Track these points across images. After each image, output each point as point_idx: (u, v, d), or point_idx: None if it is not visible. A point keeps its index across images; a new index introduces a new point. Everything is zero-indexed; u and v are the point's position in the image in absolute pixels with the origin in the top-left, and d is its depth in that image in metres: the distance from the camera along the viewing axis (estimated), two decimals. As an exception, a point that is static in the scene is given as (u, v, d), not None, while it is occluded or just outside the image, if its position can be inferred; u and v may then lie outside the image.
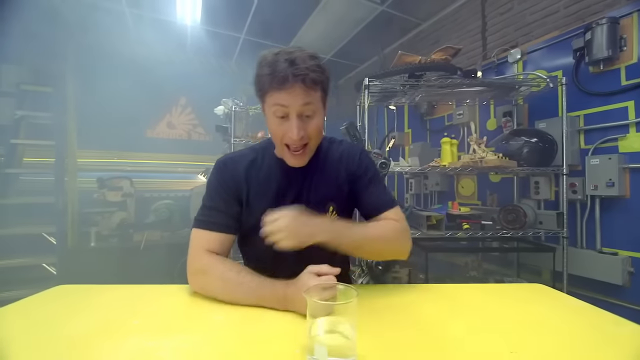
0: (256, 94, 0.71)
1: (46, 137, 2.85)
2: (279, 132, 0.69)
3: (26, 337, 0.52)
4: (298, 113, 0.66)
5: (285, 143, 0.70)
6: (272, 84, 0.64)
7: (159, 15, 2.96)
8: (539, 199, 2.02)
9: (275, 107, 0.66)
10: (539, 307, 0.68)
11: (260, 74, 0.66)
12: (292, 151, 0.70)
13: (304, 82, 0.63)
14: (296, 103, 0.64)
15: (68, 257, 2.79)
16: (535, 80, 1.81)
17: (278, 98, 0.65)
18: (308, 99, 0.65)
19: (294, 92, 0.63)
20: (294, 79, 0.62)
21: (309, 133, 0.69)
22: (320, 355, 0.42)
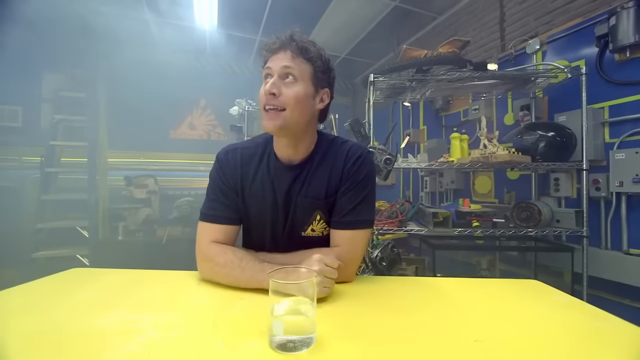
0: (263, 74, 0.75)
1: (80, 139, 3.10)
2: (261, 93, 0.71)
3: (34, 309, 0.60)
4: (280, 74, 0.69)
5: (264, 105, 0.71)
6: (267, 49, 0.71)
7: (179, 22, 3.11)
8: (559, 197, 1.92)
9: (265, 70, 0.71)
10: (522, 300, 0.66)
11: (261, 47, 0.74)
12: (265, 110, 0.70)
13: (290, 47, 0.68)
14: (279, 64, 0.68)
15: (99, 249, 3.02)
16: (553, 71, 1.71)
17: (268, 62, 0.71)
18: (291, 62, 0.68)
19: (281, 55, 0.69)
20: (282, 44, 0.69)
21: (286, 97, 0.69)
22: (277, 331, 0.45)
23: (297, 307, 0.46)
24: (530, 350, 0.46)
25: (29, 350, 0.45)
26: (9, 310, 0.59)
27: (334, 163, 0.77)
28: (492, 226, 1.68)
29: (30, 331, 0.50)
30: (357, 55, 3.95)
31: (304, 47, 0.69)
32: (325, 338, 0.48)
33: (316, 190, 0.76)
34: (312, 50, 0.70)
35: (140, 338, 0.48)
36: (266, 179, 0.78)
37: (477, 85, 1.90)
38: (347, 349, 0.46)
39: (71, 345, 0.46)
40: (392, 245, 1.58)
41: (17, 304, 0.62)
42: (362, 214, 0.74)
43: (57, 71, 3.16)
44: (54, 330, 0.51)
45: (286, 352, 0.44)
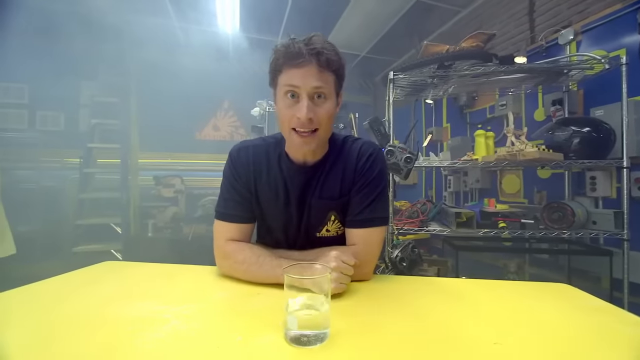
0: (270, 79, 0.70)
1: (114, 141, 3.30)
2: (287, 115, 0.66)
3: (69, 298, 0.65)
4: (309, 94, 0.64)
5: (293, 127, 0.66)
6: (286, 61, 0.63)
7: (204, 27, 3.23)
8: (596, 197, 1.79)
9: (287, 87, 0.64)
10: (549, 303, 0.63)
11: (275, 52, 0.66)
12: (300, 133, 0.66)
13: (318, 60, 0.62)
14: (308, 83, 0.63)
15: (130, 244, 3.20)
16: (589, 62, 1.60)
17: (291, 76, 0.63)
18: (321, 80, 0.63)
19: (307, 70, 0.62)
20: (308, 55, 0.61)
21: (319, 118, 0.65)
22: (292, 326, 0.46)
23: (312, 302, 0.47)
24: (553, 356, 0.44)
25: (64, 335, 0.49)
26: (47, 299, 0.64)
27: (347, 163, 0.76)
28: (521, 227, 1.60)
29: (66, 317, 0.55)
30: (377, 54, 3.90)
31: (331, 59, 0.64)
32: (340, 334, 0.48)
33: (330, 191, 0.76)
34: (336, 60, 0.66)
35: (165, 327, 0.51)
36: (279, 179, 0.77)
37: (504, 80, 1.82)
38: (361, 346, 0.46)
39: (102, 331, 0.50)
40: (413, 245, 1.55)
41: (54, 293, 0.67)
42: (377, 212, 0.73)
43: (93, 78, 3.38)
44: (86, 317, 0.55)
45: (300, 346, 0.45)
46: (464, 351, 0.45)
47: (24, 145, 3.21)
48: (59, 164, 3.42)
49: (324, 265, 0.49)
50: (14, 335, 0.48)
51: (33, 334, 0.48)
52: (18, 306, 0.60)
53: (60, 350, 0.44)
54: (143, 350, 0.44)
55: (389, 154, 1.46)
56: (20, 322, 0.53)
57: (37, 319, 0.54)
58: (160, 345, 0.46)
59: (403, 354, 0.44)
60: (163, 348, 0.45)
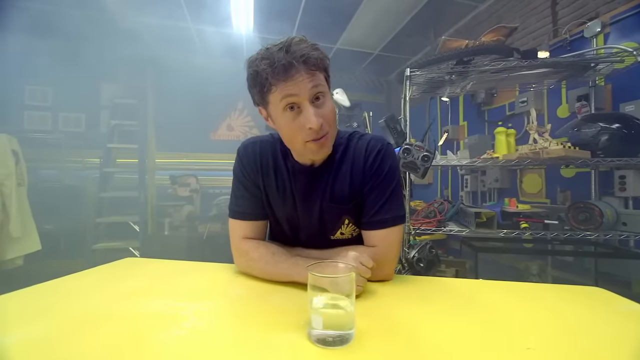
0: (255, 98, 0.68)
1: (132, 142, 3.39)
2: (294, 128, 0.63)
3: (90, 293, 0.66)
4: (310, 99, 0.61)
5: (305, 140, 0.64)
6: (274, 76, 0.59)
7: (218, 28, 3.27)
8: (625, 197, 1.70)
9: (285, 100, 0.61)
10: (582, 308, 0.59)
11: (258, 70, 0.61)
12: (315, 141, 0.63)
13: (306, 65, 0.59)
14: (305, 89, 0.60)
15: (148, 242, 3.27)
16: (619, 55, 1.52)
17: (285, 89, 0.60)
18: (315, 81, 0.61)
19: (299, 77, 0.59)
20: (296, 64, 0.58)
21: (327, 119, 0.64)
22: (316, 324, 0.44)
23: (337, 302, 0.46)
24: (598, 364, 0.41)
25: (87, 329, 0.49)
26: (70, 294, 0.65)
27: (354, 161, 0.73)
28: (544, 228, 1.54)
29: (88, 312, 0.55)
30: (391, 52, 3.85)
31: (317, 58, 0.61)
32: (364, 335, 0.47)
33: (341, 194, 0.73)
34: (322, 58, 0.63)
35: (185, 324, 0.50)
36: (285, 179, 0.75)
37: (526, 75, 1.75)
38: (387, 348, 0.44)
39: (124, 326, 0.50)
40: (430, 246, 1.52)
41: (76, 288, 0.69)
42: (393, 211, 0.70)
43: (112, 81, 3.48)
44: (108, 312, 0.55)
45: (325, 347, 0.44)
46: (496, 356, 0.43)
47: (48, 146, 3.34)
48: (81, 163, 3.55)
49: (348, 264, 0.48)
50: (38, 329, 0.49)
51: (56, 328, 0.49)
52: (43, 301, 0.61)
53: (83, 344, 0.44)
54: (164, 346, 0.44)
55: (405, 153, 1.43)
56: (44, 316, 0.53)
57: (61, 314, 0.55)
58: (181, 342, 0.45)
59: (428, 357, 0.42)
60: (184, 345, 0.45)
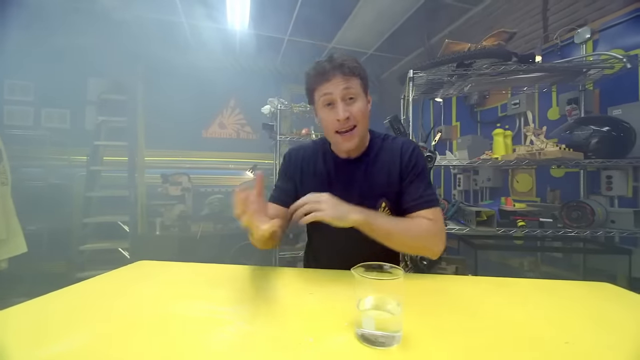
0: (308, 98, 0.85)
1: (121, 139, 3.27)
2: (329, 120, 0.79)
3: (119, 295, 0.64)
4: (341, 97, 0.77)
5: (336, 130, 0.79)
6: (317, 79, 0.78)
7: (212, 24, 3.20)
8: (612, 195, 1.80)
9: (323, 98, 0.78)
10: (603, 303, 0.63)
11: (307, 76, 0.82)
12: (342, 133, 0.79)
13: (342, 71, 0.76)
14: (338, 88, 0.76)
15: (138, 243, 3.18)
16: (609, 61, 1.61)
17: (323, 89, 0.78)
18: (347, 84, 0.77)
19: (335, 80, 0.76)
20: (333, 70, 0.76)
21: (354, 115, 0.78)
22: (367, 326, 0.45)
23: (385, 304, 0.47)
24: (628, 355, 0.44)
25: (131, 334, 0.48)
26: (96, 300, 0.63)
27: (391, 158, 0.86)
28: (539, 226, 1.61)
29: (126, 318, 0.54)
30: (384, 51, 3.88)
31: (352, 65, 0.78)
32: (411, 335, 0.48)
33: (379, 182, 0.85)
34: (357, 66, 0.79)
35: (230, 328, 0.50)
36: (324, 171, 0.89)
37: (522, 78, 1.81)
38: (435, 348, 0.46)
39: (168, 331, 0.49)
40: (433, 244, 1.55)
41: (98, 293, 0.67)
42: (433, 195, 0.83)
43: (100, 75, 3.35)
44: (145, 317, 0.54)
45: (377, 347, 0.45)
46: (540, 350, 0.45)
47: (31, 143, 3.18)
48: (66, 161, 3.40)
49: (395, 267, 0.49)
50: (78, 338, 0.47)
51: (100, 335, 0.48)
52: (70, 309, 0.59)
53: (133, 350, 0.44)
54: (215, 351, 0.44)
55: (411, 153, 1.46)
56: (81, 325, 0.52)
57: (99, 320, 0.53)
58: (232, 346, 0.45)
59: (478, 355, 0.44)
60: (236, 349, 0.45)
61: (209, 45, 3.38)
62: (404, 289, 0.46)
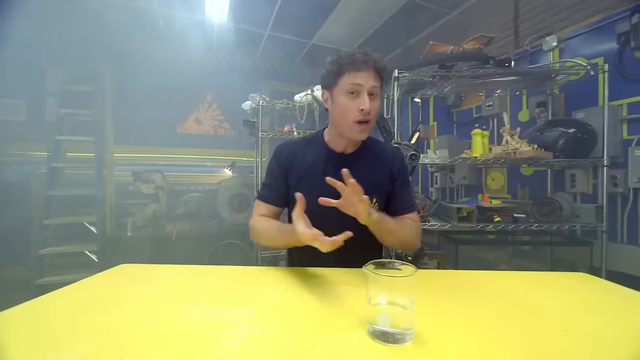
0: (326, 81, 0.85)
1: (87, 134, 3.04)
2: (351, 107, 0.80)
3: (109, 302, 0.59)
4: (368, 91, 0.79)
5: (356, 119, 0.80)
6: (351, 66, 0.79)
7: (189, 14, 3.06)
8: (575, 192, 1.95)
9: (351, 86, 0.79)
10: (588, 291, 0.68)
11: (339, 59, 0.81)
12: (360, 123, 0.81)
13: (375, 68, 0.79)
14: (368, 83, 0.79)
15: (108, 245, 2.98)
16: (575, 68, 1.73)
17: (355, 78, 0.79)
18: (376, 82, 0.80)
19: (367, 73, 0.79)
20: (367, 63, 0.78)
21: (373, 111, 0.81)
22: (383, 323, 0.45)
23: (395, 300, 0.47)
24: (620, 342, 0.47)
25: (140, 341, 0.44)
26: (84, 307, 0.58)
27: (381, 160, 0.91)
28: (513, 221, 1.71)
29: (126, 323, 0.50)
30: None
31: (383, 68, 0.81)
32: (422, 330, 0.48)
33: (373, 177, 0.88)
34: (385, 68, 0.82)
35: (238, 332, 0.48)
36: (319, 164, 0.89)
37: (496, 82, 1.91)
38: (446, 343, 0.46)
39: (175, 337, 0.46)
40: (417, 240, 1.60)
41: (84, 300, 0.61)
42: (413, 199, 0.95)
43: (62, 64, 3.08)
44: (146, 323, 0.50)
45: (391, 344, 0.45)
46: (540, 338, 0.48)
47: (-21, 137, 2.87)
48: (23, 157, 3.10)
49: (406, 264, 0.49)
50: (75, 351, 0.43)
51: (96, 348, 0.44)
52: (57, 319, 0.54)
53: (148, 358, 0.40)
54: (228, 356, 0.42)
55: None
56: (74, 336, 0.47)
57: (92, 332, 0.49)
58: (245, 351, 0.43)
59: (490, 346, 0.45)
60: (249, 354, 0.43)
61: (184, 36, 3.23)
62: (416, 285, 0.46)
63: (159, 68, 3.42)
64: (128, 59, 3.31)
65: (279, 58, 4.12)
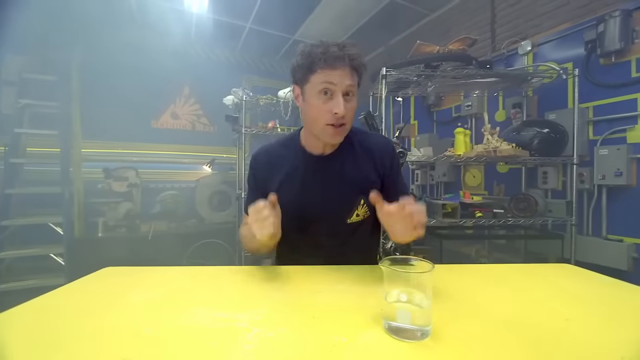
0: (297, 75, 0.76)
1: (50, 127, 2.80)
2: (323, 110, 0.72)
3: (100, 308, 0.54)
4: (343, 92, 0.71)
5: (328, 123, 0.73)
6: (324, 63, 0.69)
7: (165, 2, 2.90)
8: (546, 189, 2.08)
9: (324, 85, 0.71)
10: (575, 282, 0.72)
11: (311, 53, 0.71)
12: (333, 127, 0.73)
13: (351, 64, 0.71)
14: (343, 82, 0.71)
15: (76, 247, 2.78)
16: (548, 72, 1.84)
17: (328, 76, 0.70)
18: (352, 80, 0.72)
19: (343, 72, 0.70)
20: (342, 59, 0.70)
21: (348, 114, 0.73)
22: (403, 320, 0.45)
23: (416, 296, 0.47)
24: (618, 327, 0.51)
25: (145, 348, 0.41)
26: (77, 312, 0.53)
27: (366, 154, 0.84)
28: (493, 216, 1.79)
29: (128, 332, 0.46)
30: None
31: (360, 64, 0.73)
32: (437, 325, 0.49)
33: (356, 177, 0.82)
34: (362, 63, 0.74)
35: (250, 336, 0.46)
36: (299, 170, 0.83)
37: (477, 83, 1.99)
38: (463, 336, 0.47)
39: (187, 345, 0.43)
40: (404, 236, 1.63)
41: (78, 306, 0.56)
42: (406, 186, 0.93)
43: (21, 52, 2.81)
44: (152, 330, 0.47)
45: (410, 340, 0.45)
46: (545, 328, 0.50)
47: None
48: (-26, 152, 2.80)
49: (421, 260, 0.49)
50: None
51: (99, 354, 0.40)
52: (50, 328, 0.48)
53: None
54: (247, 362, 0.40)
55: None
56: (74, 348, 0.43)
57: (92, 342, 0.44)
58: (263, 354, 0.41)
59: (498, 336, 0.47)
60: (268, 357, 0.41)
61: (160, 25, 3.06)
62: (432, 281, 0.47)
63: (132, 58, 3.22)
64: (97, 47, 3.09)
65: (260, 53, 4.03)
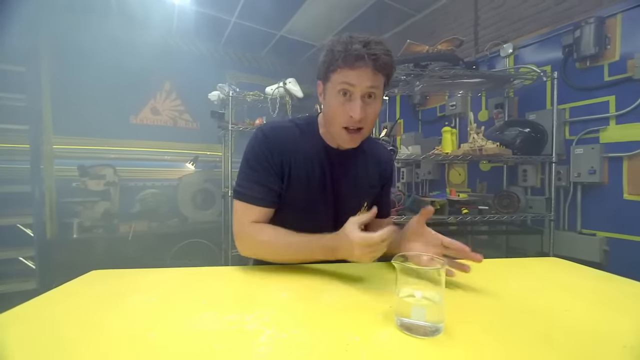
0: (320, 72, 0.73)
1: (19, 122, 2.62)
2: (340, 112, 0.69)
3: (102, 316, 0.51)
4: (362, 94, 0.67)
5: (345, 126, 0.70)
6: (344, 62, 0.64)
7: (146, -8, 2.78)
8: (526, 186, 2.17)
9: (342, 85, 0.66)
10: (567, 275, 0.75)
11: (333, 50, 0.67)
12: (349, 131, 0.70)
13: (374, 64, 0.64)
14: (363, 83, 0.65)
15: (48, 249, 2.62)
16: (529, 74, 1.92)
17: (347, 76, 0.65)
18: (374, 81, 0.66)
19: (363, 71, 0.65)
20: (365, 59, 0.63)
21: (368, 117, 0.69)
22: (418, 316, 0.45)
23: (429, 292, 0.47)
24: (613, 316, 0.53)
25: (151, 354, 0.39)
26: (71, 319, 0.49)
27: (373, 161, 0.86)
28: (478, 213, 1.85)
29: (132, 339, 0.43)
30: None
31: (386, 63, 0.66)
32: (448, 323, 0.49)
33: (365, 179, 0.84)
34: (390, 62, 0.68)
35: (263, 338, 0.44)
36: (315, 161, 0.77)
37: (462, 83, 2.04)
38: (475, 333, 0.47)
39: (195, 349, 0.41)
40: (395, 233, 1.65)
41: (70, 313, 0.52)
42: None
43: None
44: (158, 336, 0.44)
45: (423, 337, 0.45)
46: (545, 319, 0.51)
47: None
48: None
49: (436, 257, 0.50)
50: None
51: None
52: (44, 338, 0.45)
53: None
54: (263, 366, 0.38)
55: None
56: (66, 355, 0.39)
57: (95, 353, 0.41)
58: (278, 356, 0.40)
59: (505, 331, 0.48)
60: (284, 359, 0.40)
61: (140, 15, 2.92)
62: (445, 277, 0.47)
63: (109, 49, 3.06)
64: (71, 37, 2.91)
65: (245, 48, 3.95)
